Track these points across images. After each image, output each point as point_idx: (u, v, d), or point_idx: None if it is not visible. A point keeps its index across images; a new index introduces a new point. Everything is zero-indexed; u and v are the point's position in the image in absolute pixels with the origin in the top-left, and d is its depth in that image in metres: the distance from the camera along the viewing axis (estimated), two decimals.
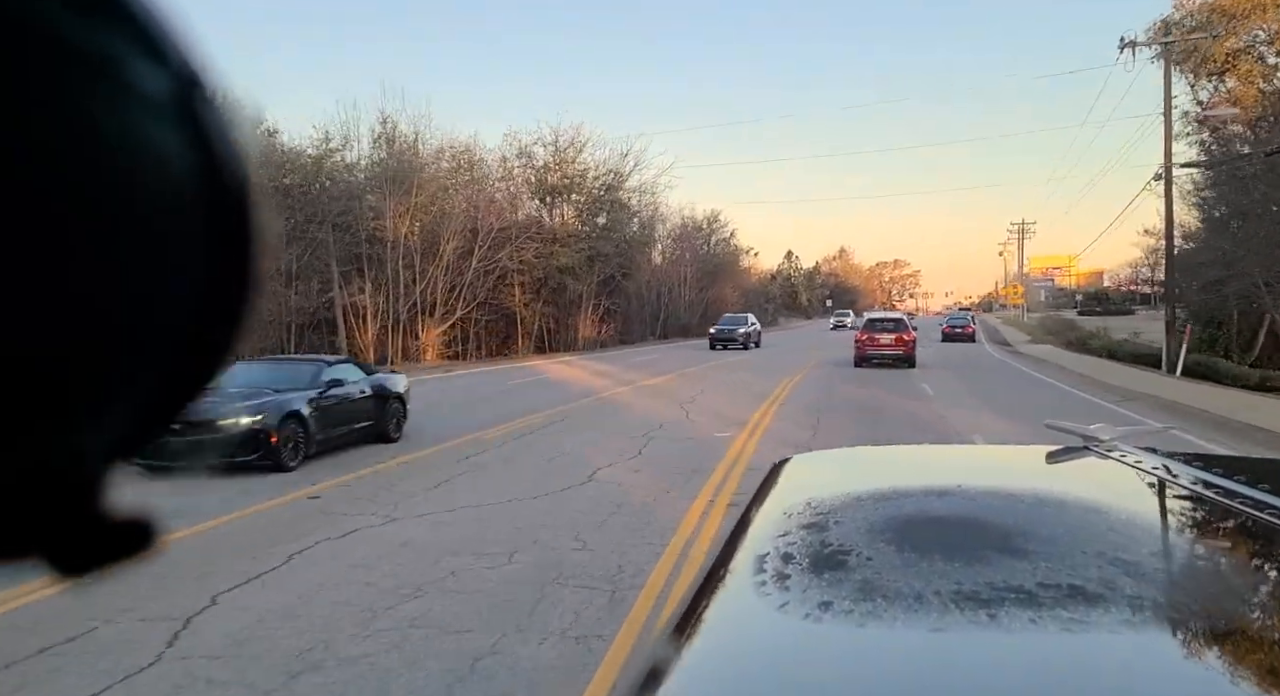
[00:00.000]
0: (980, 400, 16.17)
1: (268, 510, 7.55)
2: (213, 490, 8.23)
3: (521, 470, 9.26)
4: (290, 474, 9.07)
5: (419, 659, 4.28)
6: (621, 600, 5.10)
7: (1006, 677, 0.87)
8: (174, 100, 0.31)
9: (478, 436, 11.55)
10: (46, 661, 4.24)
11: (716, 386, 19.09)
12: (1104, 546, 1.11)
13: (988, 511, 1.32)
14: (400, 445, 10.96)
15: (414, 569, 5.74)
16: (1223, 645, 0.86)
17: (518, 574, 5.62)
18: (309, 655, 4.33)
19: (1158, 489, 1.44)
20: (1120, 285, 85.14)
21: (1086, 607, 0.92)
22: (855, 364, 24.31)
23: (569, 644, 4.46)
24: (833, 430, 12.18)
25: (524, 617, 4.82)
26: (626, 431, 11.96)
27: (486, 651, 4.35)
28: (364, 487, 8.46)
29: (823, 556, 1.15)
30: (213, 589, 5.28)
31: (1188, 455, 1.69)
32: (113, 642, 4.46)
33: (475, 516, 7.21)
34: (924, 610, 0.94)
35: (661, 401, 15.93)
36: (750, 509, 1.52)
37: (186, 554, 5.97)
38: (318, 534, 6.63)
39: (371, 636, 4.57)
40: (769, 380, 20.03)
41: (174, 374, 0.35)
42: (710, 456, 9.99)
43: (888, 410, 14.57)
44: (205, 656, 4.33)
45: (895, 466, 2.02)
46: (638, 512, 7.28)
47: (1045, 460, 1.76)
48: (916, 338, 25.30)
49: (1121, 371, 22.76)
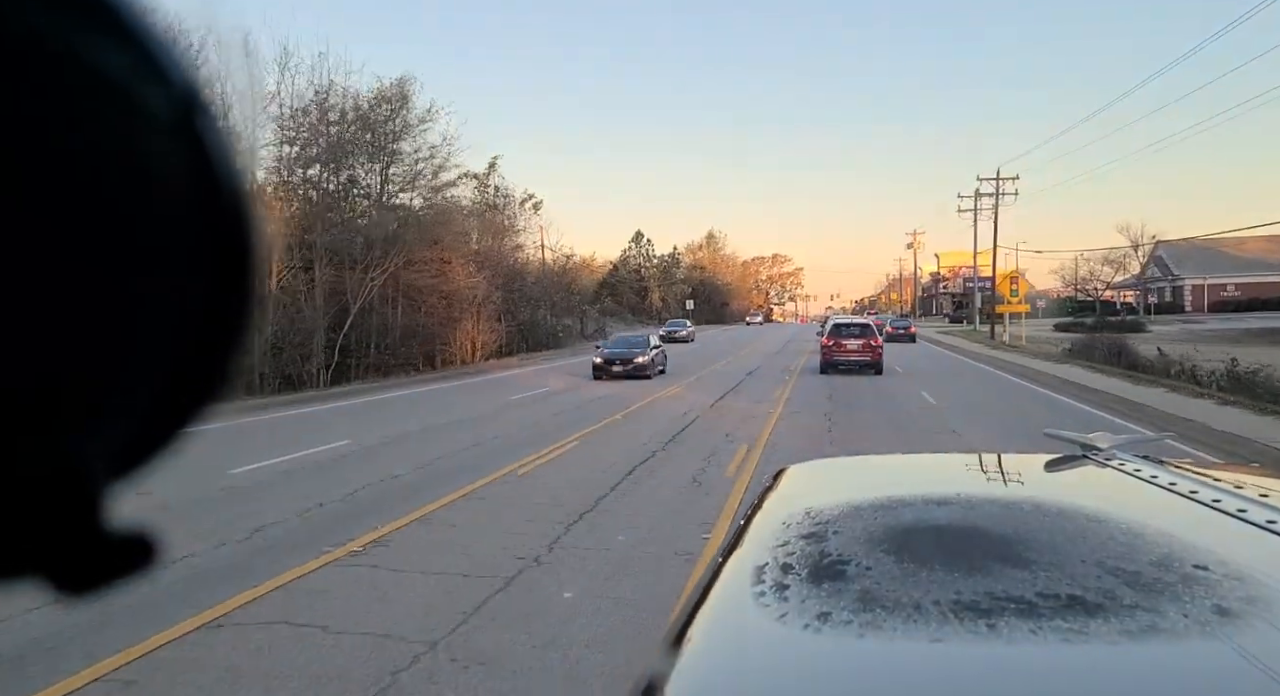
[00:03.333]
0: None
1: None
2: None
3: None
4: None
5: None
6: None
7: (1006, 688, 0.87)
8: (175, 119, 0.31)
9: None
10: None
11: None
12: (1104, 555, 1.11)
13: (987, 520, 1.32)
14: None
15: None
16: (1223, 655, 0.86)
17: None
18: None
19: (1157, 497, 1.44)
20: (1076, 287, 74.49)
21: (1086, 618, 0.92)
22: (821, 370, 24.62)
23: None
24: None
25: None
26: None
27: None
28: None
29: (821, 566, 1.15)
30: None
31: (1186, 463, 1.69)
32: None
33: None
34: (923, 620, 0.93)
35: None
36: (749, 518, 1.52)
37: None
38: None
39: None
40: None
41: (173, 389, 0.35)
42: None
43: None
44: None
45: (894, 475, 2.02)
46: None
47: (1044, 469, 1.76)
48: (883, 344, 25.50)
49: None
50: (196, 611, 5.25)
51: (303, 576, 6.03)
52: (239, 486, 9.24)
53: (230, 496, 8.73)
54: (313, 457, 11.27)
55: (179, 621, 5.07)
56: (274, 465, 10.61)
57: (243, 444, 12.12)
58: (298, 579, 5.97)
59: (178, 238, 0.32)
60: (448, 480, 9.38)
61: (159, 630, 4.92)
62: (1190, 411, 14.60)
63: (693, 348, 42.52)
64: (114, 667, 4.45)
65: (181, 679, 4.37)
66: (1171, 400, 16.50)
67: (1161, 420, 13.99)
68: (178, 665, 4.53)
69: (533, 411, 16.53)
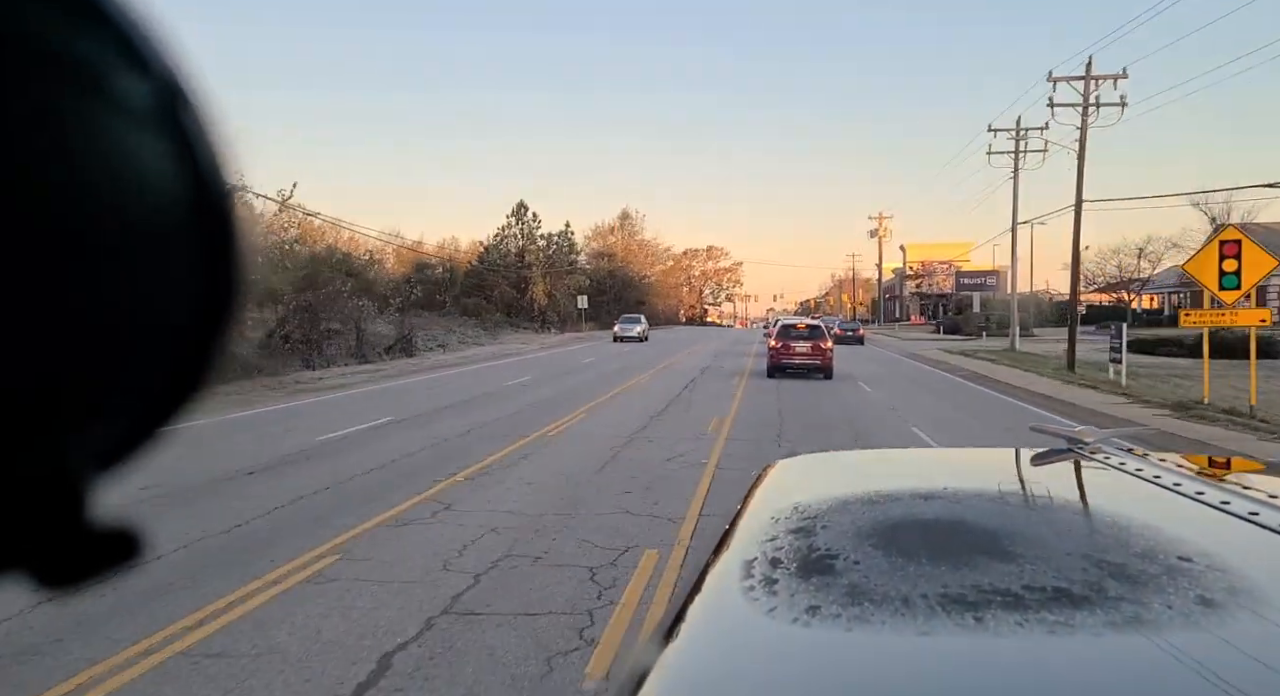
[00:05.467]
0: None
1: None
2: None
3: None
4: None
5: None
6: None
7: (993, 680, 0.87)
8: (157, 109, 0.31)
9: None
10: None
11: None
12: (1089, 548, 1.12)
13: (974, 514, 1.33)
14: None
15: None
16: (1207, 646, 0.87)
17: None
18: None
19: (1141, 490, 1.45)
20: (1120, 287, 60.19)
21: (1072, 610, 0.93)
22: (768, 374, 23.60)
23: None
24: None
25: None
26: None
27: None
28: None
29: (810, 560, 1.15)
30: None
31: (1171, 456, 1.70)
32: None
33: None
34: (911, 613, 0.94)
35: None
36: (737, 514, 1.52)
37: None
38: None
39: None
40: None
41: (159, 382, 0.34)
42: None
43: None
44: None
45: (881, 470, 2.02)
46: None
47: (1031, 462, 1.77)
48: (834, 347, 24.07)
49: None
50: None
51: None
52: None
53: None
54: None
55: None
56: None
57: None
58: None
59: (160, 229, 0.31)
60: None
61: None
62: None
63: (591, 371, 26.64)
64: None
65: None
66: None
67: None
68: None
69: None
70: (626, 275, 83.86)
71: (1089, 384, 22.33)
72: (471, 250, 66.93)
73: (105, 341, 0.31)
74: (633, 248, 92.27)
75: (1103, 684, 0.83)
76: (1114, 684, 0.83)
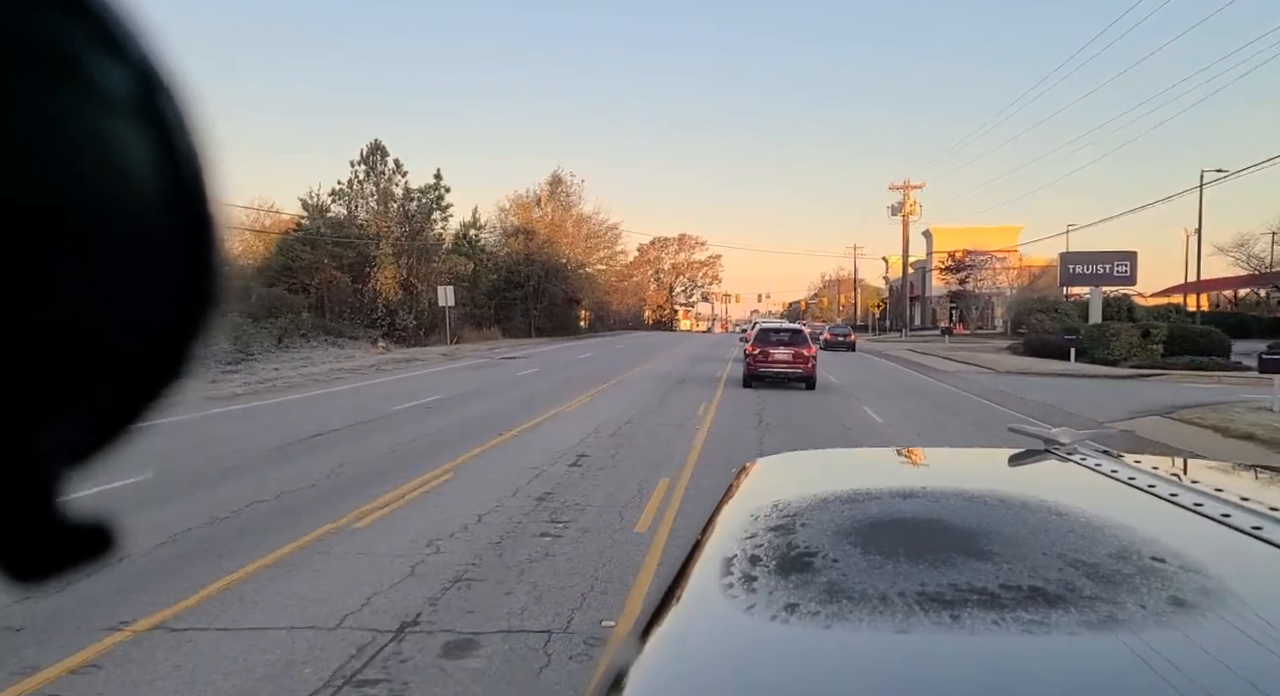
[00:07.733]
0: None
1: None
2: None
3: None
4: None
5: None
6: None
7: (969, 678, 0.88)
8: (134, 95, 0.30)
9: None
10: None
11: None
12: (1065, 548, 1.13)
13: (951, 513, 1.34)
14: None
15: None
16: (1179, 646, 0.88)
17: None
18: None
19: (1116, 492, 1.47)
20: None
21: (1047, 609, 0.94)
22: (745, 383, 21.19)
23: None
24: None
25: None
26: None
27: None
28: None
29: (789, 558, 1.15)
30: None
31: (1145, 458, 1.72)
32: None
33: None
34: (889, 612, 0.95)
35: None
36: (717, 511, 1.52)
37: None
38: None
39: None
40: None
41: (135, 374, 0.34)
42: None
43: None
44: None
45: (861, 469, 2.03)
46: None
47: (1008, 463, 1.78)
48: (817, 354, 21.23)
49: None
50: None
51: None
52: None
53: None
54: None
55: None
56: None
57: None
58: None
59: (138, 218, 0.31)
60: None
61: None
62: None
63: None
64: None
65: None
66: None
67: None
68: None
69: None
70: (552, 261, 57.04)
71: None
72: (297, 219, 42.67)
73: (77, 333, 0.31)
74: (565, 225, 62.31)
75: (1077, 682, 0.84)
76: (1088, 682, 0.84)
